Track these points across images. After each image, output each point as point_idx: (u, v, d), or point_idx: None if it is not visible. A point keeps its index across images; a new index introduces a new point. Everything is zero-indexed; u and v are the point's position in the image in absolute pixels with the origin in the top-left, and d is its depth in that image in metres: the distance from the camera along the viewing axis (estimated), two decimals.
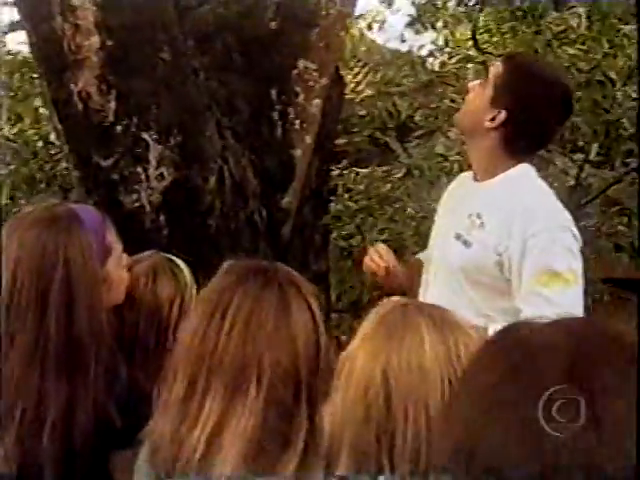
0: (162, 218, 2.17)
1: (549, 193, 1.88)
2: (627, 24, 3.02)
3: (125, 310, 1.64)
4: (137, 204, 2.13)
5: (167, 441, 1.12)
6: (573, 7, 2.93)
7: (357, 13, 4.27)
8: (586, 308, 1.85)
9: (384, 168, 4.02)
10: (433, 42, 3.86)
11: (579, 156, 3.85)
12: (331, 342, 1.24)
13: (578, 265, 1.77)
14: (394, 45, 5.26)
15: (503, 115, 1.83)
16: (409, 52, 4.64)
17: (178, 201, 2.18)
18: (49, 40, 2.03)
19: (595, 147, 3.63)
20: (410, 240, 4.12)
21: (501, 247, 1.79)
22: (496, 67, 1.92)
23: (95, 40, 1.99)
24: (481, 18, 3.81)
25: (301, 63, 2.57)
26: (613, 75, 2.93)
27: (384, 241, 4.11)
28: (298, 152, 2.61)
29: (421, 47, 4.18)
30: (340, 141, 3.99)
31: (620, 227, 3.99)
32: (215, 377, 1.10)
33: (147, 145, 2.09)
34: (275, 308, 1.13)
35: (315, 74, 2.60)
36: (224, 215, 2.34)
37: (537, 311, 1.69)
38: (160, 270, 1.72)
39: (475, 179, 1.95)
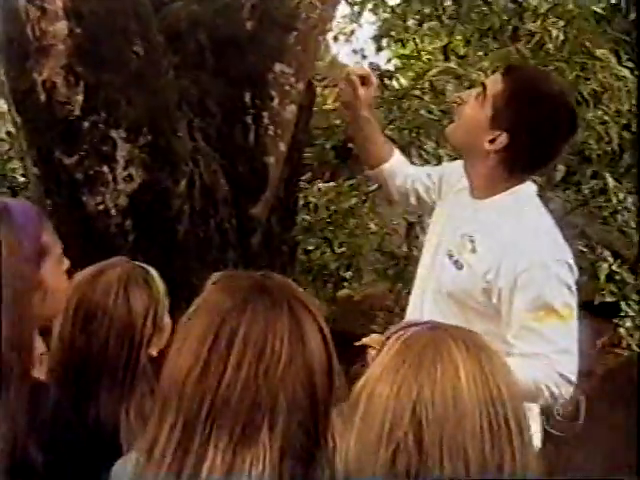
0: (128, 222, 2.01)
1: (547, 221, 1.78)
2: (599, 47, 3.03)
3: (93, 324, 1.48)
4: (101, 207, 1.97)
5: None
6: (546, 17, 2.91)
7: None
8: None
9: (350, 182, 3.94)
10: (403, 56, 3.81)
11: (539, 179, 3.85)
12: None
13: (573, 299, 1.69)
14: (352, 60, 5.20)
15: (504, 138, 1.72)
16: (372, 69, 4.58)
17: (146, 205, 2.03)
18: (11, 24, 1.86)
19: (562, 169, 3.63)
20: (371, 256, 4.04)
21: (490, 275, 1.70)
22: (494, 82, 1.79)
23: (63, 26, 1.82)
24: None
25: (277, 66, 2.46)
26: (587, 95, 2.92)
27: (342, 254, 4.04)
28: (271, 159, 2.49)
29: (389, 61, 4.12)
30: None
31: (582, 249, 4.00)
32: (219, 421, 0.91)
33: (115, 143, 1.94)
34: (289, 332, 0.95)
35: (292, 79, 2.49)
36: (193, 221, 2.19)
37: (531, 348, 1.64)
38: (132, 279, 1.56)
39: (472, 194, 1.84)
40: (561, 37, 2.72)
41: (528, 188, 1.80)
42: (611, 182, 2.99)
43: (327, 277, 4.34)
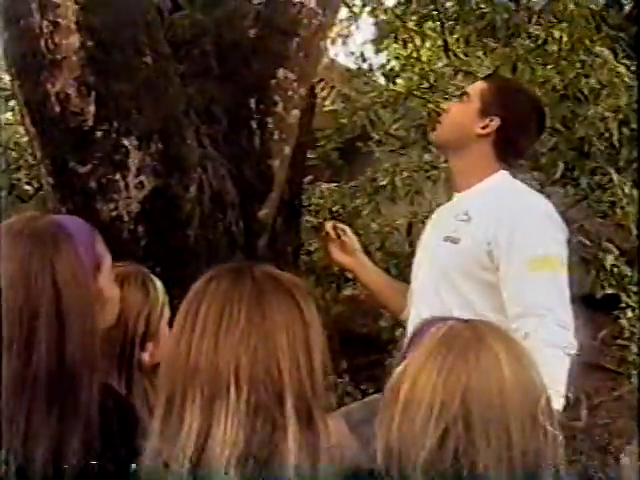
0: (140, 228, 2.07)
1: (531, 190, 2.03)
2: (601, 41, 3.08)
3: None
4: (115, 213, 2.02)
5: (151, 463, 1.03)
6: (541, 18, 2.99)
7: None
8: None
9: (352, 183, 3.99)
10: (404, 56, 3.87)
11: (537, 174, 3.90)
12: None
13: (564, 252, 1.84)
14: (346, 62, 5.25)
15: (497, 121, 1.96)
16: (370, 70, 4.65)
17: (157, 211, 2.09)
18: (24, 38, 1.91)
19: (561, 165, 3.68)
20: (376, 255, 4.09)
21: (490, 233, 1.84)
22: (478, 84, 2.07)
23: (75, 40, 1.88)
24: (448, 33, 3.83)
25: (280, 72, 2.52)
26: (587, 92, 2.98)
27: None
28: (276, 163, 2.54)
29: (388, 62, 4.18)
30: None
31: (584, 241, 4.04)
32: (191, 387, 1.03)
33: (127, 151, 1.99)
34: (247, 302, 1.05)
35: (294, 84, 2.54)
36: (203, 226, 2.25)
37: (530, 298, 1.76)
38: (131, 278, 1.64)
39: (457, 190, 2.05)
40: (565, 38, 2.80)
41: (508, 174, 2.02)
42: (615, 176, 3.05)
43: (331, 277, 4.39)
